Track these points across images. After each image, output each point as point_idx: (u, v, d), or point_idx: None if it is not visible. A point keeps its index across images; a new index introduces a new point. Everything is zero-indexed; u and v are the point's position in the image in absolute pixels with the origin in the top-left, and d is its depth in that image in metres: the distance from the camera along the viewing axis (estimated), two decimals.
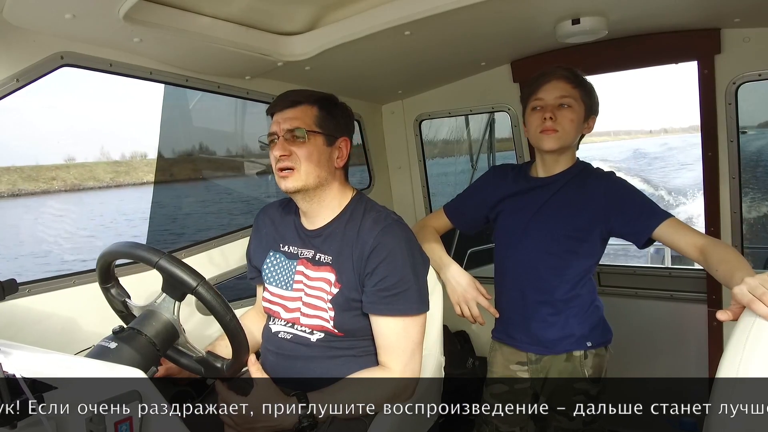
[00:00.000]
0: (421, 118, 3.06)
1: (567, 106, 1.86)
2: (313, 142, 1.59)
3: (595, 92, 1.92)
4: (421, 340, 1.63)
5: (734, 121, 2.35)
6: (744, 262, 1.57)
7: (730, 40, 2.30)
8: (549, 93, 1.87)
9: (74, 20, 1.56)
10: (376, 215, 1.63)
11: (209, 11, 1.80)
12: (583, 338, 1.94)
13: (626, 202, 1.85)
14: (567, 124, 1.86)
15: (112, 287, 1.58)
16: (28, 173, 65.85)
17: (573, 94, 1.87)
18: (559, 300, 1.94)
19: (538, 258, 1.94)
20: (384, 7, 1.90)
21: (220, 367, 1.52)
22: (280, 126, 1.61)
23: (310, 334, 1.64)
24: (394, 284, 1.56)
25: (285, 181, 1.60)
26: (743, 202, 2.45)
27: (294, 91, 1.67)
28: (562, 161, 1.94)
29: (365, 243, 1.57)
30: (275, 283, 1.71)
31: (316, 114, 1.61)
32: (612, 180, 1.93)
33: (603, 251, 1.99)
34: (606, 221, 1.88)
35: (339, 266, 1.61)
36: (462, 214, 2.13)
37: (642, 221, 1.81)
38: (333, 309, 1.60)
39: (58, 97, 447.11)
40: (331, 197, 1.66)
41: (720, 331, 2.51)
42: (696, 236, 1.73)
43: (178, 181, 14.33)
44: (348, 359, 1.62)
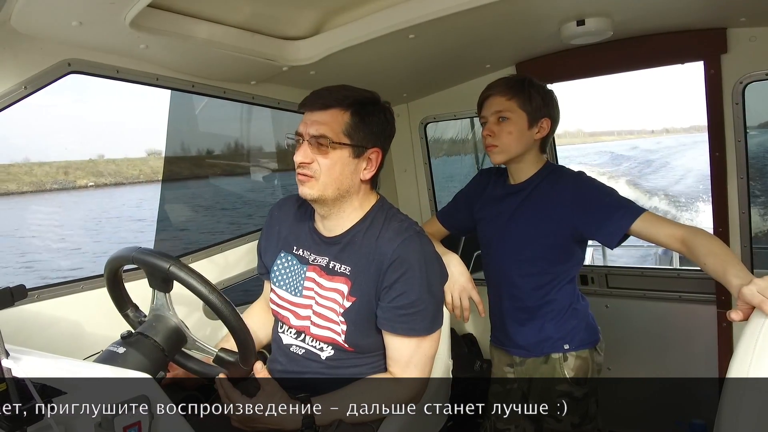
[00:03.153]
0: (426, 121, 3.06)
1: (505, 119, 1.91)
2: (338, 154, 1.49)
3: (539, 96, 1.92)
4: (434, 353, 1.57)
5: (741, 121, 2.34)
6: (732, 254, 1.57)
7: (737, 39, 2.29)
8: (488, 110, 1.94)
9: (81, 27, 1.57)
10: (398, 225, 1.54)
11: (214, 17, 1.81)
12: (560, 341, 1.97)
13: (594, 204, 1.84)
14: (505, 137, 1.91)
15: (127, 307, 1.59)
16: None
17: (508, 106, 1.90)
18: (533, 306, 1.97)
19: (510, 265, 1.98)
20: (388, 10, 1.90)
21: (234, 361, 1.49)
22: (307, 128, 1.50)
23: (320, 350, 1.59)
24: (411, 303, 1.49)
25: (302, 186, 1.51)
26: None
27: (329, 89, 1.54)
28: (524, 169, 1.97)
29: (384, 254, 1.50)
30: (284, 287, 1.65)
31: (347, 121, 1.49)
32: (579, 181, 1.93)
33: (582, 254, 2.00)
34: (574, 225, 1.88)
35: (356, 277, 1.54)
36: (453, 219, 2.18)
37: (614, 221, 1.80)
38: (345, 323, 1.54)
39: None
40: (352, 207, 1.57)
41: (729, 332, 2.49)
42: (674, 227, 1.72)
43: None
44: (356, 377, 1.57)
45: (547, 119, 1.94)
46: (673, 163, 34.37)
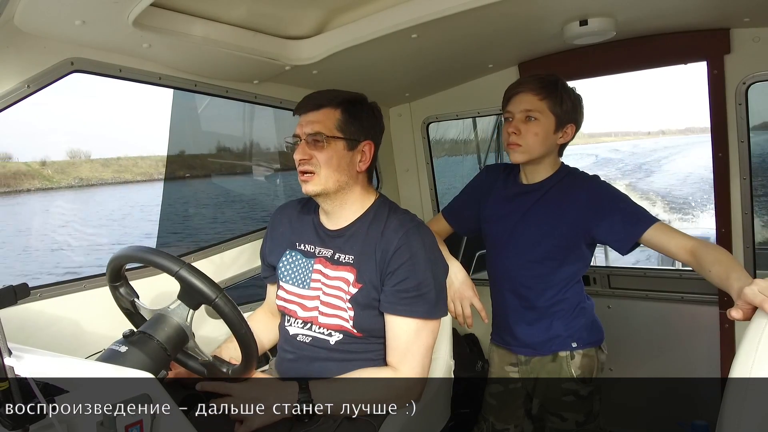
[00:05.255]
0: (428, 121, 3.06)
1: (533, 119, 1.86)
2: (333, 147, 1.59)
3: (570, 101, 1.89)
4: (431, 345, 1.62)
5: (744, 122, 2.33)
6: (737, 263, 1.58)
7: (740, 39, 2.28)
8: (516, 106, 1.89)
9: (84, 26, 1.57)
10: (402, 217, 1.65)
11: (217, 16, 1.82)
12: (568, 339, 1.97)
13: (609, 209, 1.84)
14: (531, 138, 1.87)
15: (121, 286, 1.59)
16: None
17: (539, 107, 1.86)
18: (543, 305, 1.96)
19: (520, 265, 1.97)
20: (391, 10, 1.90)
21: (225, 372, 1.54)
22: (302, 129, 1.62)
23: (328, 335, 1.64)
24: (414, 286, 1.56)
25: (306, 184, 1.61)
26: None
27: (320, 92, 1.66)
28: (541, 170, 1.95)
29: (389, 242, 1.58)
30: (291, 281, 1.72)
31: (339, 117, 1.61)
32: (595, 185, 1.92)
33: (591, 256, 2.00)
34: (588, 228, 1.87)
35: (360, 265, 1.62)
36: (459, 216, 2.15)
37: (627, 228, 1.80)
38: (352, 308, 1.61)
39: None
40: (353, 199, 1.66)
41: (732, 333, 2.49)
42: (685, 238, 1.72)
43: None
44: (365, 363, 1.62)
45: (572, 125, 1.92)
46: (665, 167, 34.26)
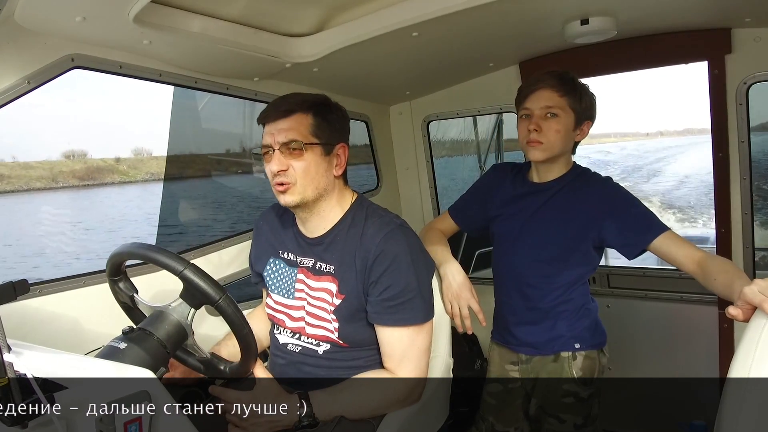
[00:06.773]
0: (429, 119, 3.05)
1: (553, 116, 1.84)
2: (311, 154, 1.52)
3: (587, 97, 1.88)
4: (427, 346, 1.59)
5: (745, 122, 2.33)
6: (743, 273, 1.56)
7: (741, 39, 2.28)
8: (535, 103, 1.86)
9: (85, 23, 1.57)
10: (379, 220, 1.58)
11: (218, 13, 1.81)
12: (572, 339, 1.95)
13: (621, 213, 1.83)
14: (552, 135, 1.84)
15: (120, 281, 1.58)
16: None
17: (559, 103, 1.84)
18: (547, 306, 1.95)
19: (528, 265, 1.95)
20: (391, 8, 1.90)
21: (223, 369, 1.53)
22: (274, 138, 1.53)
23: (317, 345, 1.62)
24: (399, 293, 1.52)
25: (283, 196, 1.55)
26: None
27: (285, 98, 1.58)
28: (555, 168, 1.93)
29: (368, 250, 1.53)
30: (277, 291, 1.70)
31: (311, 122, 1.53)
32: (608, 187, 1.90)
33: (599, 258, 1.98)
34: (598, 230, 1.86)
35: (341, 275, 1.57)
36: (466, 215, 2.14)
37: (638, 234, 1.78)
38: (337, 320, 1.57)
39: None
40: (332, 206, 1.61)
41: (731, 333, 2.49)
42: (694, 250, 1.71)
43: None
44: (355, 371, 1.60)
45: (589, 122, 1.91)
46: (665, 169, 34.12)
